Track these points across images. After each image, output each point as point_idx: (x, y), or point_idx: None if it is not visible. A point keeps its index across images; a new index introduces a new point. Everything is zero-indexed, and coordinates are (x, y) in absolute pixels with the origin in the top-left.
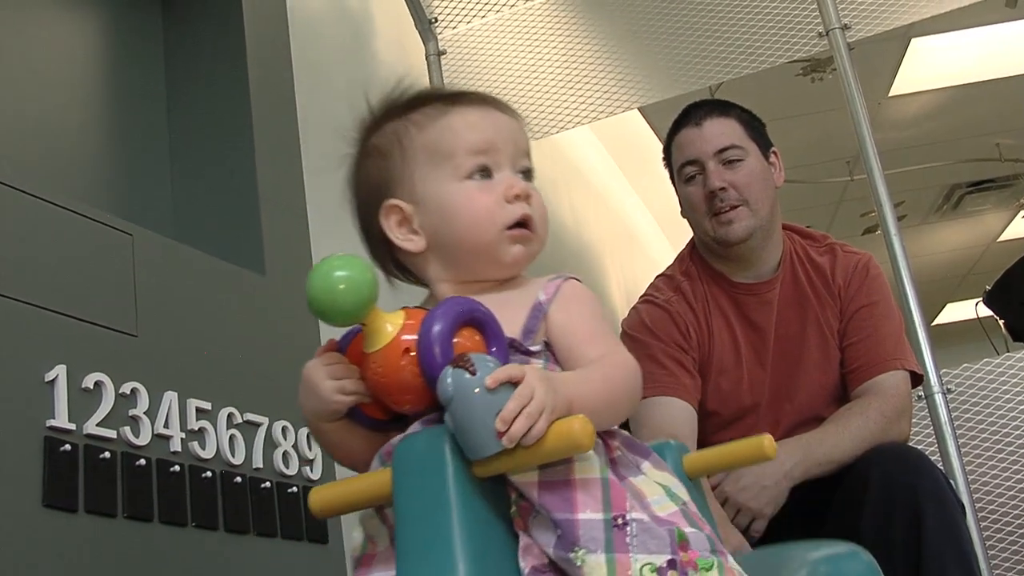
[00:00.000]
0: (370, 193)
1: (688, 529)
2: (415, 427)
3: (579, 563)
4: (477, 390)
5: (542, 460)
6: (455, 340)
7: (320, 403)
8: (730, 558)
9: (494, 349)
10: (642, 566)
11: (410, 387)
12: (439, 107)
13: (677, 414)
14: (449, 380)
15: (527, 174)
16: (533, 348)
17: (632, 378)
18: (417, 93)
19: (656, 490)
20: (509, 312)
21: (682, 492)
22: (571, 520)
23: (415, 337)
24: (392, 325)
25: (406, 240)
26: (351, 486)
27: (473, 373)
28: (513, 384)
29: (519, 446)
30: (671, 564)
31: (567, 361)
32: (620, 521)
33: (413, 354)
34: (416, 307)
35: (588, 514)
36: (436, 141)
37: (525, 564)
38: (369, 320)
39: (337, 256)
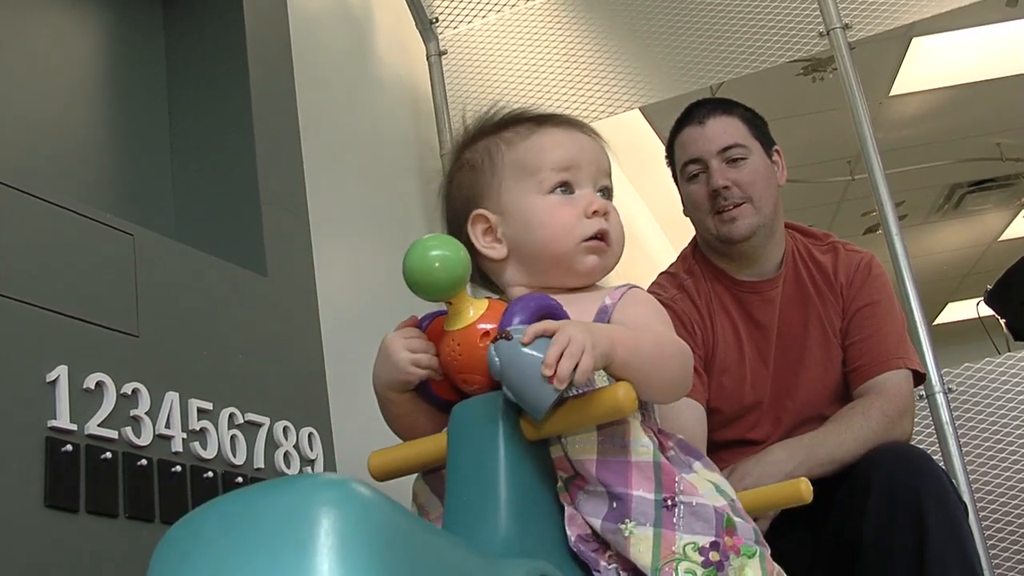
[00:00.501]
0: (460, 203)
1: (736, 519)
2: None
3: (627, 533)
4: (517, 349)
5: (593, 421)
6: None
7: (394, 372)
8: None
9: None
10: (686, 544)
11: (482, 368)
12: (529, 127)
13: (688, 414)
14: (493, 355)
15: (606, 192)
16: None
17: (681, 353)
18: (510, 113)
19: (707, 486)
20: (577, 312)
21: (730, 490)
22: (626, 494)
23: (495, 323)
24: (475, 310)
25: (489, 248)
26: (409, 449)
27: (509, 337)
28: (550, 336)
29: (573, 401)
30: (714, 545)
31: None
32: (669, 502)
33: (490, 339)
34: (499, 299)
35: (641, 492)
36: (523, 157)
37: (571, 533)
38: (456, 300)
39: (434, 236)
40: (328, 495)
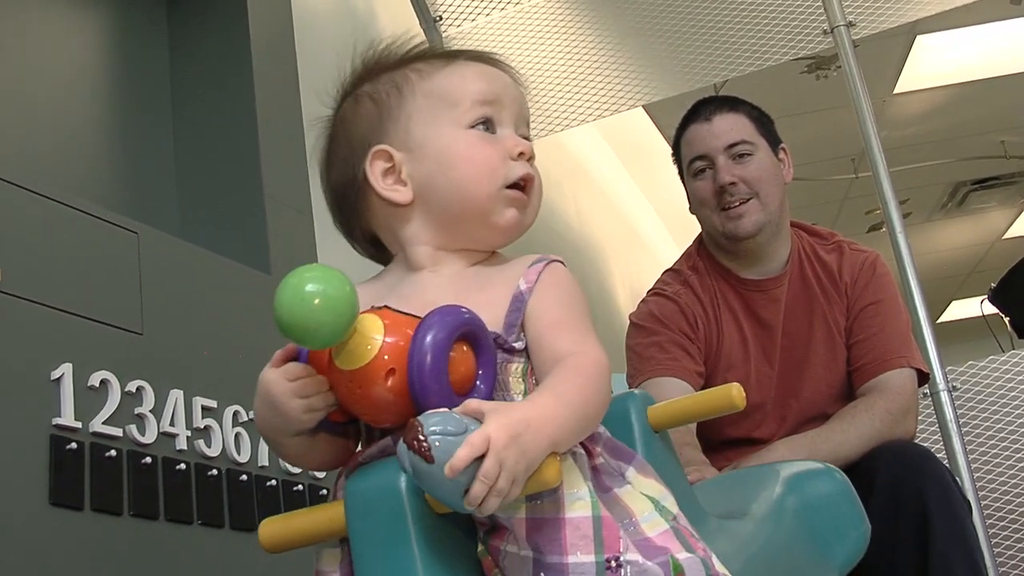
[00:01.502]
0: (356, 140)
1: (682, 555)
2: (383, 442)
3: None
4: (438, 477)
5: (514, 499)
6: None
7: (286, 423)
8: None
9: (481, 372)
10: None
11: (391, 407)
12: (445, 59)
13: (672, 392)
14: (406, 461)
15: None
16: (517, 345)
17: (604, 379)
18: (417, 47)
19: (645, 505)
20: (489, 298)
21: (671, 504)
22: (560, 564)
23: (397, 342)
24: (372, 341)
25: (391, 190)
26: (303, 519)
27: (430, 459)
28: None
29: None
30: None
31: (534, 350)
32: (613, 564)
33: (397, 376)
34: (389, 308)
35: (579, 556)
36: (441, 86)
37: None
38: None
39: (312, 267)
40: None
